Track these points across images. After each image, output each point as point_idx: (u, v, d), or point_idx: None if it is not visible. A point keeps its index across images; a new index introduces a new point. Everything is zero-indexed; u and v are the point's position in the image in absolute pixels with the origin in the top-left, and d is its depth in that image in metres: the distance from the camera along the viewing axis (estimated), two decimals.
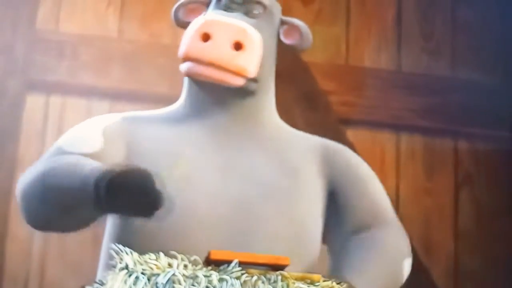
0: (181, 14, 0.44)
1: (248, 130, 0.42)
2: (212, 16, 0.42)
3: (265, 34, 0.43)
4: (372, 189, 0.43)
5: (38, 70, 0.50)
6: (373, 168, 0.44)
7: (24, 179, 0.40)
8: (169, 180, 0.39)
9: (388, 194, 0.43)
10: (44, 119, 0.48)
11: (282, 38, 0.44)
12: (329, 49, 0.45)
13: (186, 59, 0.41)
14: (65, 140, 0.42)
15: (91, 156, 0.41)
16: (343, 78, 0.45)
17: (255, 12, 0.43)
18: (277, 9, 0.44)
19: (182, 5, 0.44)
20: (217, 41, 0.41)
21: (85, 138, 0.42)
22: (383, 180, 0.44)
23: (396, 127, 0.44)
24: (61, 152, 0.42)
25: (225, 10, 0.43)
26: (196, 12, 0.44)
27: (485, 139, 0.44)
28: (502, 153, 0.44)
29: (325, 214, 0.43)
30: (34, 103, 0.49)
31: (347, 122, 0.44)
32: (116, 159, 0.41)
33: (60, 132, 0.46)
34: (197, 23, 0.42)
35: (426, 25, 0.47)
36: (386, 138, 0.44)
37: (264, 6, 0.44)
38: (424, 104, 0.45)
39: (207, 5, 0.44)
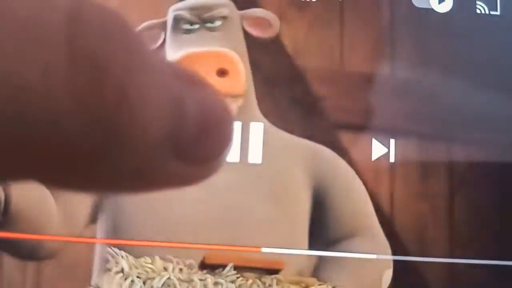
0: None
1: None
2: (186, 50, 0.42)
3: (233, 42, 0.42)
4: (357, 199, 0.43)
5: None
6: (367, 173, 0.44)
7: None
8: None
9: (383, 199, 0.43)
10: None
11: (249, 30, 0.43)
12: (323, 54, 0.45)
13: None
14: None
15: None
16: (338, 83, 0.45)
17: (217, 25, 0.43)
18: (234, 9, 0.44)
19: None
20: (203, 74, 0.40)
21: None
22: (377, 185, 0.43)
23: (391, 131, 0.44)
24: None
25: (185, 33, 0.43)
26: (155, 37, 0.43)
27: (480, 144, 0.45)
28: (497, 157, 0.44)
29: (309, 221, 0.43)
30: None
31: (342, 127, 0.45)
32: None
33: None
34: (174, 61, 0.41)
35: (419, 31, 0.47)
36: (381, 143, 0.44)
37: (224, 17, 0.44)
38: (419, 108, 0.45)
39: (163, 27, 0.44)
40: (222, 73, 0.41)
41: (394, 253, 0.43)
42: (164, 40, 0.43)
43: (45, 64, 0.11)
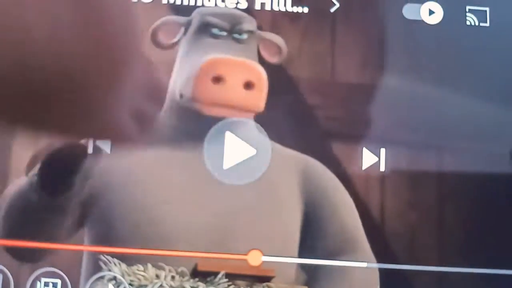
0: (158, 36, 0.44)
1: None
2: (217, 54, 0.42)
3: (254, 58, 0.43)
4: (345, 216, 0.43)
5: None
6: (358, 183, 0.44)
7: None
8: (152, 200, 0.40)
9: (373, 208, 0.44)
10: None
11: (261, 50, 0.44)
12: (315, 65, 0.46)
13: (195, 100, 0.42)
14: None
15: None
16: (329, 93, 0.45)
17: (243, 37, 0.44)
18: (256, 27, 0.44)
19: (156, 28, 0.44)
20: (230, 83, 0.41)
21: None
22: (367, 194, 0.44)
23: (381, 141, 0.44)
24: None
25: (211, 37, 0.44)
26: (172, 33, 0.44)
27: (470, 153, 0.45)
28: (486, 166, 0.44)
29: (300, 234, 0.42)
30: None
31: (333, 136, 0.45)
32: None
33: None
34: (202, 62, 0.42)
35: (410, 42, 0.48)
36: (371, 152, 0.45)
37: (250, 32, 0.44)
38: (409, 118, 0.45)
39: (185, 26, 0.45)
40: (248, 85, 0.42)
41: (384, 261, 0.43)
42: (181, 37, 0.43)
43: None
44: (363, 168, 0.44)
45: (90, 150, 0.40)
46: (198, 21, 0.45)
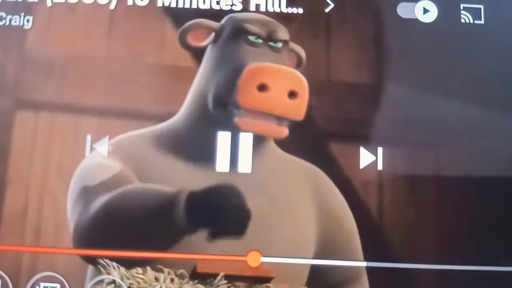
0: (187, 38, 0.44)
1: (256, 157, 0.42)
2: (258, 62, 0.42)
3: (288, 67, 0.43)
4: (345, 227, 0.42)
5: (27, 89, 0.50)
6: (356, 182, 0.44)
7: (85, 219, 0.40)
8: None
9: (371, 207, 0.43)
10: (33, 137, 0.49)
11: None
12: (310, 65, 0.45)
13: (239, 107, 0.42)
14: (83, 179, 0.42)
15: (117, 176, 0.41)
16: (325, 93, 0.45)
17: (279, 46, 0.44)
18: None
19: (187, 30, 0.45)
20: (274, 91, 0.41)
21: (100, 167, 0.43)
22: (365, 194, 0.44)
23: (378, 140, 0.44)
24: (89, 190, 0.42)
25: (247, 44, 0.44)
26: (202, 37, 0.44)
27: (467, 151, 0.45)
28: (484, 165, 0.44)
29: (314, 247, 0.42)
30: (23, 121, 0.49)
31: (330, 136, 0.45)
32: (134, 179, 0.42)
33: (48, 149, 0.47)
34: (246, 69, 0.42)
35: (405, 41, 0.47)
36: (368, 152, 0.45)
37: (285, 41, 0.44)
38: (406, 117, 0.45)
39: (217, 32, 0.45)
40: (292, 94, 0.42)
41: (383, 260, 0.43)
42: (211, 42, 0.44)
43: None
44: (361, 167, 0.44)
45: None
46: (233, 27, 0.45)
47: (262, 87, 0.42)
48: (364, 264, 0.42)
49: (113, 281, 0.38)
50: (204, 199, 0.39)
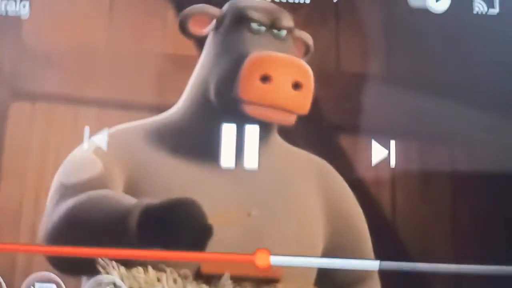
0: (188, 25, 0.43)
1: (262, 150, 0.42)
2: (266, 52, 0.41)
3: (293, 55, 0.42)
4: (355, 226, 0.41)
5: (23, 79, 0.50)
6: (367, 176, 0.43)
7: (51, 221, 0.39)
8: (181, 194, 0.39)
9: (384, 203, 0.43)
10: (29, 129, 0.48)
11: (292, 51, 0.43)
12: (319, 56, 0.45)
13: (241, 99, 0.41)
14: (63, 174, 0.41)
15: (93, 180, 0.41)
16: (334, 84, 0.44)
17: (283, 34, 0.43)
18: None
19: (187, 16, 0.43)
20: (278, 83, 0.40)
21: (81, 165, 0.41)
22: (377, 189, 0.43)
23: (390, 132, 0.44)
24: (64, 188, 0.41)
25: (250, 32, 0.42)
26: (203, 24, 0.43)
27: (482, 146, 0.44)
28: (499, 160, 0.44)
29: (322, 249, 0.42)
30: (19, 112, 0.49)
31: (339, 128, 0.44)
32: (118, 180, 0.41)
33: (45, 140, 0.46)
34: (248, 59, 0.41)
35: (416, 31, 0.47)
36: (380, 144, 0.44)
37: (289, 28, 0.43)
38: (417, 109, 0.44)
39: (218, 19, 0.43)
40: (296, 86, 0.41)
41: (397, 259, 0.42)
42: (213, 29, 0.43)
43: None
44: (373, 162, 0.43)
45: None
46: (234, 14, 0.43)
47: (265, 78, 0.41)
48: (377, 263, 0.41)
49: (113, 282, 0.37)
50: (158, 215, 0.37)
